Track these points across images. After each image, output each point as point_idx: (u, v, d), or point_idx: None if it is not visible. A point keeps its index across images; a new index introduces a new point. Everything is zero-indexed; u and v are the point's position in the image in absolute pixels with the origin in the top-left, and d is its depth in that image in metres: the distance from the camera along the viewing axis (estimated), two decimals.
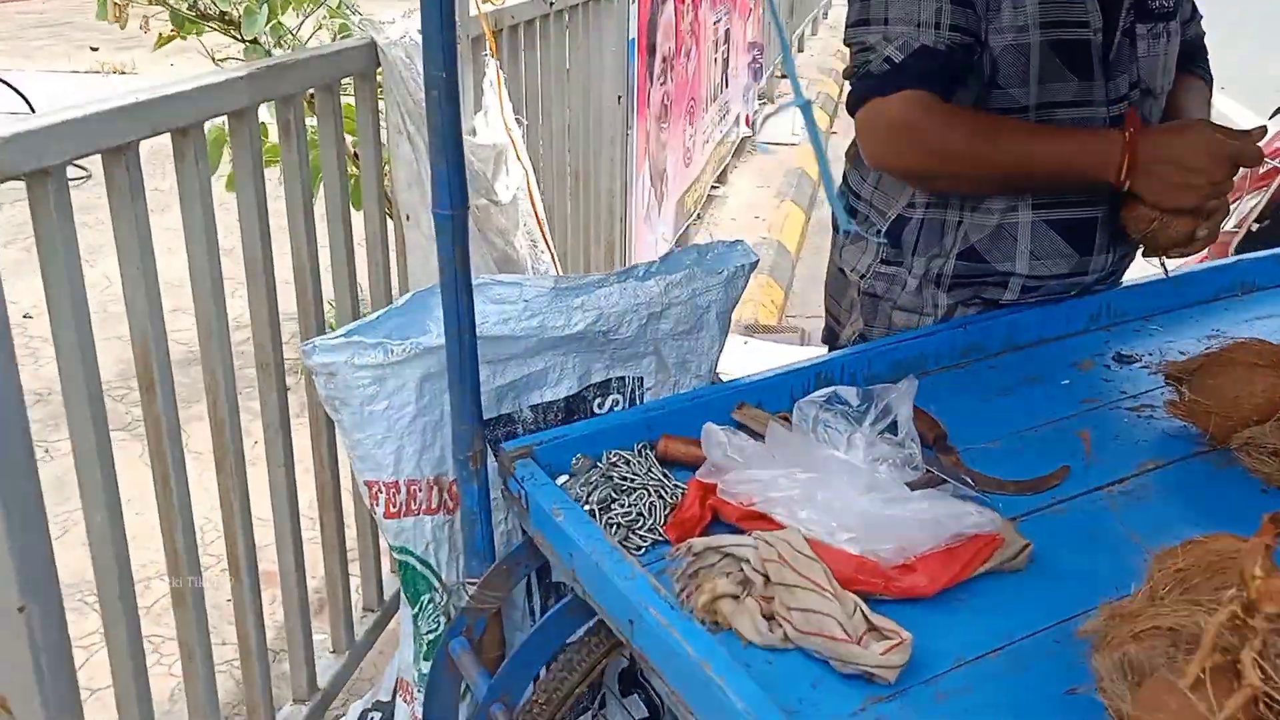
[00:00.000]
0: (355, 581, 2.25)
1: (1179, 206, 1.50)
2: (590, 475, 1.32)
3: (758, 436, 1.34)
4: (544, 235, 2.42)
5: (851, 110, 1.57)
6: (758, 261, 1.62)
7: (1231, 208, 3.14)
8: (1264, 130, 1.56)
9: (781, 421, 1.37)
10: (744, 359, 2.95)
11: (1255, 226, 3.01)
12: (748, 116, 7.54)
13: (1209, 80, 1.86)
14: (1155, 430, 1.42)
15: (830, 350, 1.91)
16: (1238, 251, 3.09)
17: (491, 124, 2.26)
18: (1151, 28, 1.63)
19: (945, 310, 1.68)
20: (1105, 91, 1.59)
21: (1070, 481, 1.31)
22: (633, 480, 1.30)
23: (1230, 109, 7.41)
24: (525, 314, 1.45)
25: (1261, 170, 3.17)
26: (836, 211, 1.41)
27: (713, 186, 6.40)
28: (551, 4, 2.85)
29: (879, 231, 1.70)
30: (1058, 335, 1.71)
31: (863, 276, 1.75)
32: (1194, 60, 1.83)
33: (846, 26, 1.59)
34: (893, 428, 1.32)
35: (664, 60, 4.54)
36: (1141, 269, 1.79)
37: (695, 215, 5.71)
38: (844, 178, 1.82)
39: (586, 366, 1.55)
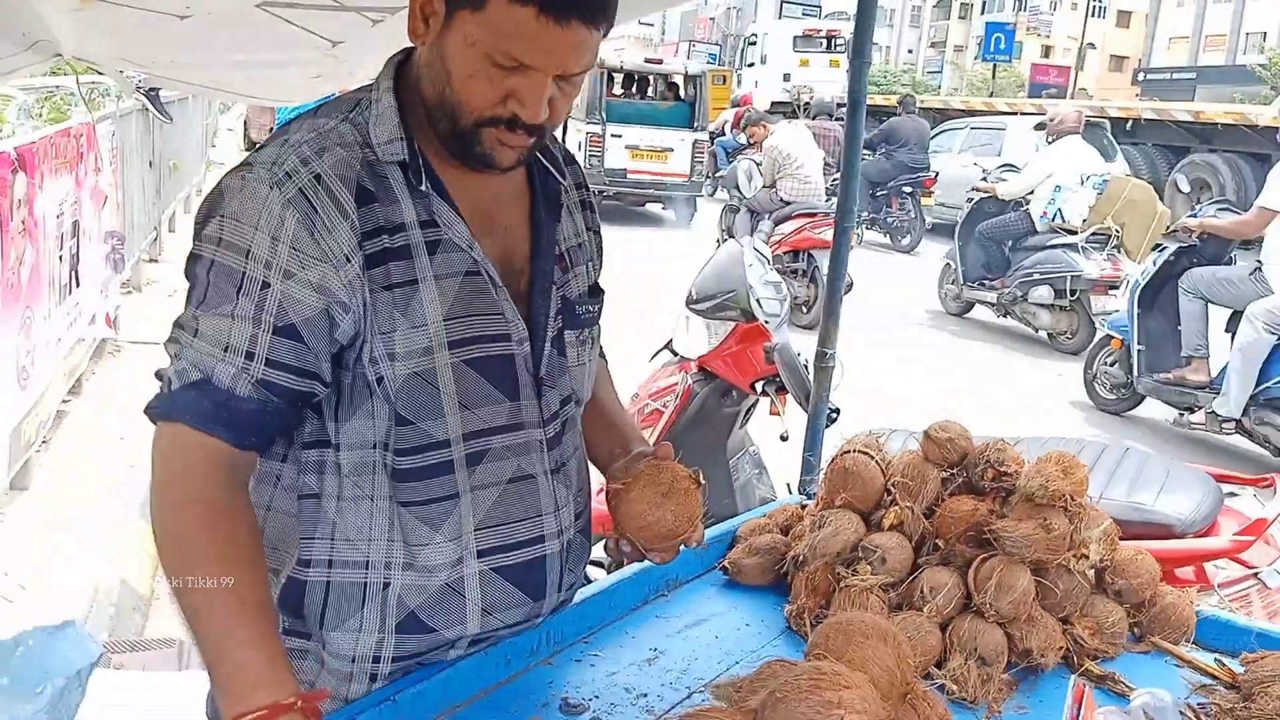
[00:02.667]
0: None
1: None
2: None
3: None
4: None
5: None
6: (101, 656, 1.14)
7: None
8: None
9: None
10: (104, 703, 2.20)
11: None
12: (108, 315, 6.65)
13: (604, 358, 1.75)
14: None
15: None
16: None
17: None
18: (579, 334, 1.48)
19: None
20: (539, 411, 1.40)
21: None
22: None
23: None
24: None
25: None
26: None
27: (63, 401, 5.42)
28: None
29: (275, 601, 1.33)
30: (498, 682, 1.46)
31: None
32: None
33: None
34: None
35: None
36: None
37: (40, 443, 4.74)
38: None
39: None
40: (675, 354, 3.48)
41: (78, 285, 5.62)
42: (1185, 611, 1.72)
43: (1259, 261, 5.91)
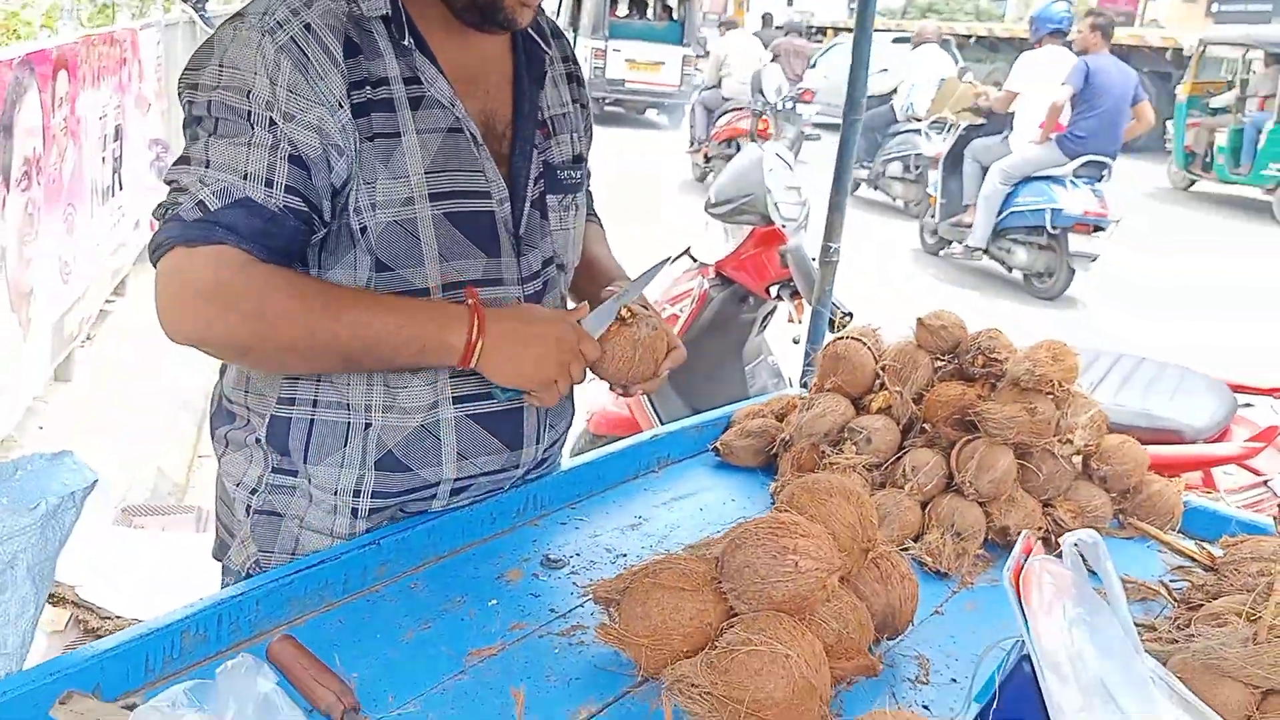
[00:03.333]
0: None
1: (520, 386, 1.38)
2: None
3: None
4: None
5: (154, 258, 1.26)
6: (96, 482, 1.21)
7: None
8: (586, 309, 1.47)
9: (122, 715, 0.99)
10: (121, 560, 2.33)
11: None
12: (153, 221, 6.77)
13: (601, 223, 1.81)
14: (586, 663, 1.26)
15: (224, 570, 1.55)
16: None
17: None
18: (562, 199, 1.52)
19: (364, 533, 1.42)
20: (518, 269, 1.45)
21: None
22: None
23: None
24: None
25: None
26: None
27: (108, 300, 5.57)
28: None
29: (258, 439, 1.39)
30: (483, 538, 1.52)
31: (253, 491, 1.42)
32: (588, 208, 1.78)
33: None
34: (269, 711, 1.01)
35: (27, 161, 3.81)
36: None
37: (84, 338, 4.89)
38: (219, 373, 1.51)
39: None
40: (695, 260, 3.49)
41: (121, 188, 5.73)
42: (1172, 500, 1.73)
43: (1007, 131, 8.12)
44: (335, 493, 1.41)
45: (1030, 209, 7.70)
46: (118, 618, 2.05)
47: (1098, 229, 7.57)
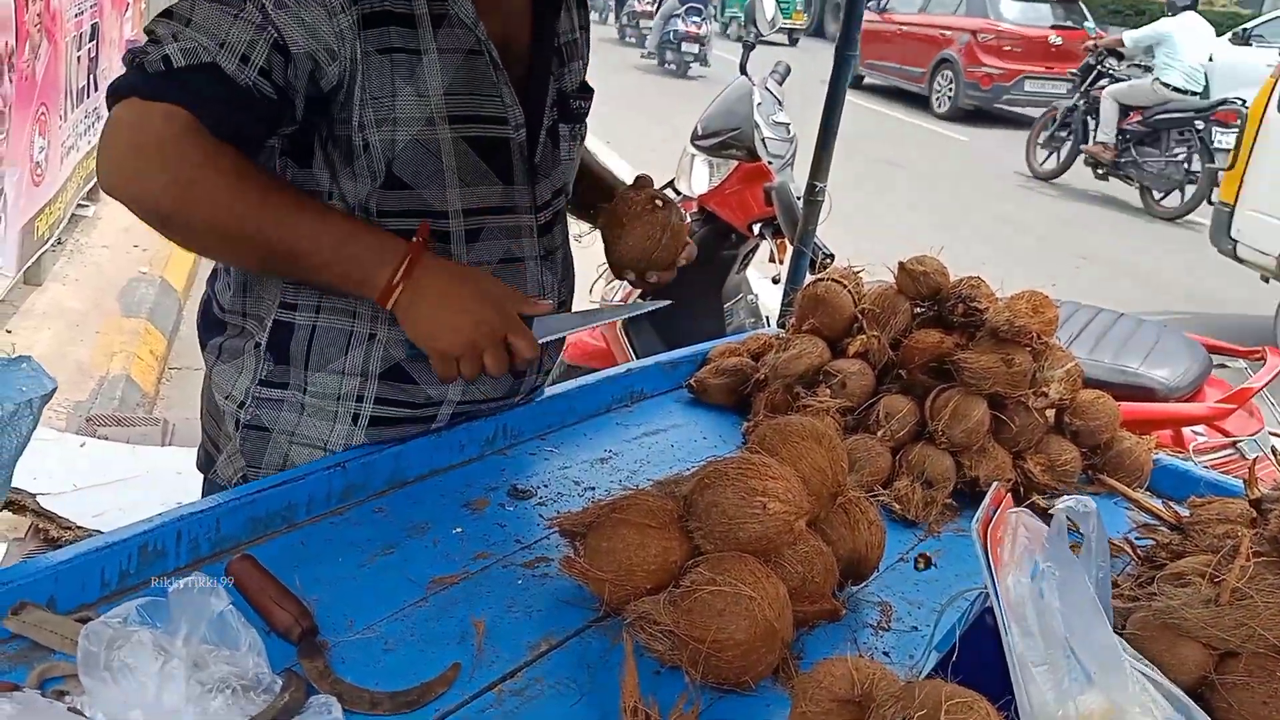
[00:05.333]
0: None
1: (424, 346, 1.30)
2: None
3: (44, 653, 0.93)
4: None
5: (109, 103, 1.21)
6: (54, 390, 1.18)
7: (617, 282, 3.27)
8: (550, 306, 1.42)
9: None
10: (83, 470, 2.30)
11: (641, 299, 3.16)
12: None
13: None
14: (549, 595, 1.25)
15: (205, 481, 1.53)
16: (625, 323, 3.22)
17: None
18: (573, 128, 1.51)
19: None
20: (531, 198, 1.43)
21: (459, 684, 1.09)
22: None
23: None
24: None
25: None
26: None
27: (80, 204, 5.46)
28: None
29: (258, 345, 1.37)
30: (451, 465, 1.51)
31: (241, 404, 1.40)
32: None
33: None
34: (223, 630, 1.00)
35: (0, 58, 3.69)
36: None
37: (54, 242, 4.79)
38: (208, 283, 1.48)
39: None
40: (678, 193, 3.44)
41: (95, 90, 5.58)
42: (1142, 457, 1.73)
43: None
44: (338, 399, 1.39)
45: None
46: (79, 528, 2.03)
47: None
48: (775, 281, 3.05)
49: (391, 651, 1.11)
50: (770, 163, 3.14)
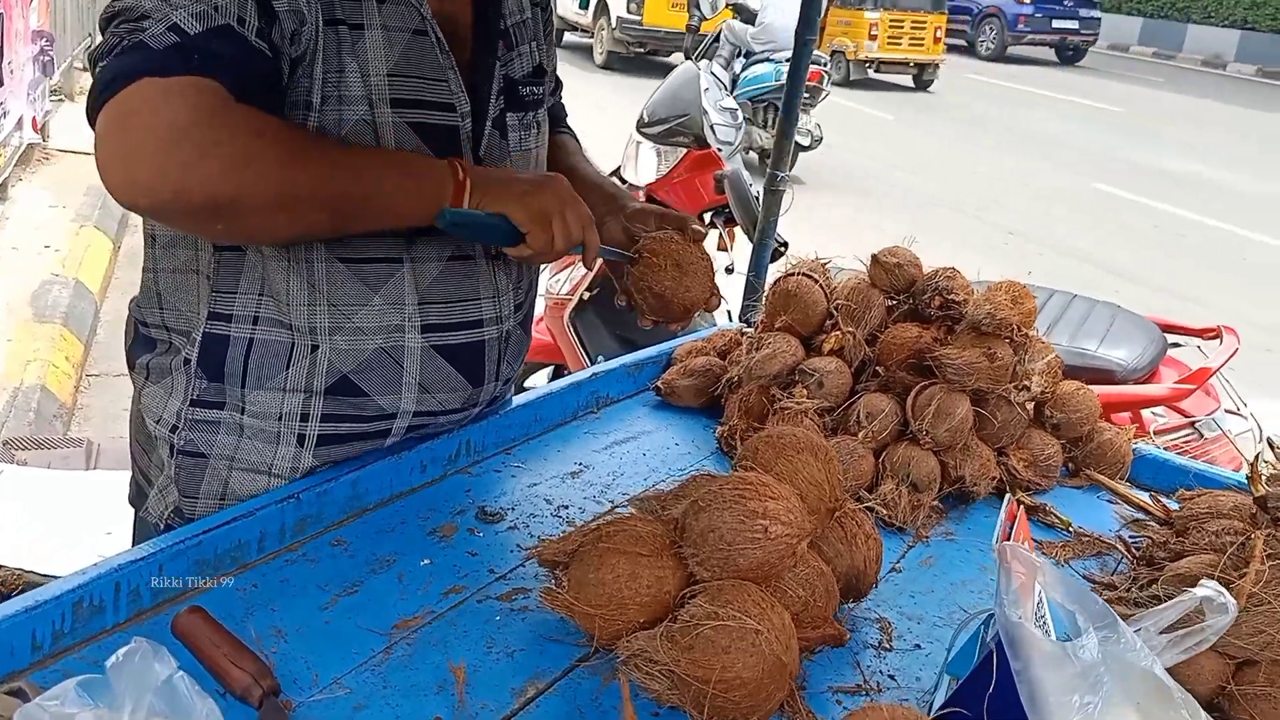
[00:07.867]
0: None
1: (518, 210, 1.24)
2: None
3: None
4: None
5: (101, 97, 1.02)
6: None
7: (563, 276, 3.16)
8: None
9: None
10: (2, 503, 2.11)
11: (587, 295, 3.06)
12: (35, 119, 6.30)
13: (577, 139, 1.69)
14: (529, 632, 1.15)
15: (136, 519, 1.40)
16: (572, 318, 3.12)
17: None
18: (523, 117, 1.40)
19: (308, 471, 1.30)
20: None
21: None
22: None
23: None
24: None
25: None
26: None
27: None
28: None
29: (187, 361, 1.24)
30: (412, 488, 1.40)
31: (173, 429, 1.28)
32: (559, 123, 1.65)
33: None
34: (174, 700, 0.88)
35: None
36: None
37: None
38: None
39: None
40: (624, 181, 3.34)
41: (0, 84, 5.29)
42: (1122, 449, 1.70)
43: None
44: (280, 418, 1.27)
45: None
46: (2, 567, 1.87)
47: None
48: (729, 271, 2.98)
49: (363, 709, 1.01)
50: (719, 149, 3.06)
